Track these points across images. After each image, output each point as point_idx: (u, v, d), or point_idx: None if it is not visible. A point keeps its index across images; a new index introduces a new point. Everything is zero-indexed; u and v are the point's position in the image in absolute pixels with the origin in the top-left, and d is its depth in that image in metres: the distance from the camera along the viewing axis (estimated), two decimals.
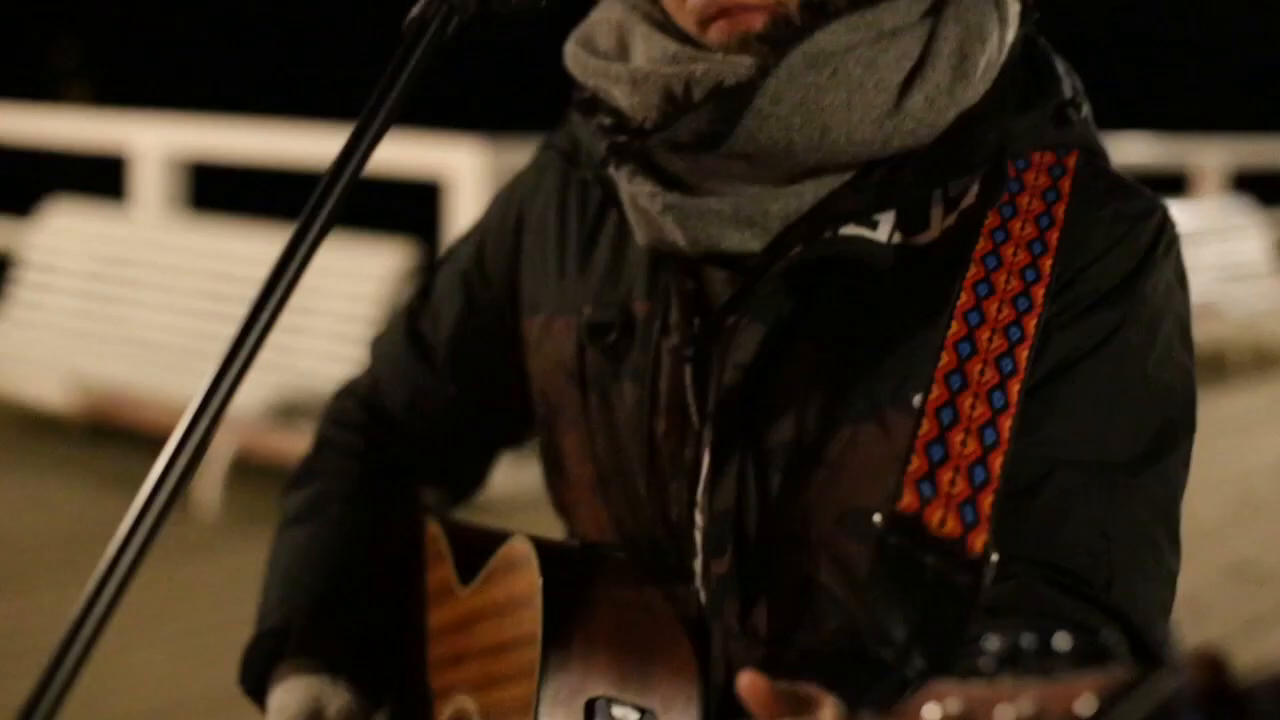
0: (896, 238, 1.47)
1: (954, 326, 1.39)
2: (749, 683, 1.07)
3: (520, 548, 1.55)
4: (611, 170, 1.58)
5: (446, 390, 1.85)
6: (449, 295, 1.84)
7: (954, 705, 0.90)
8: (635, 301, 1.60)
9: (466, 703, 1.62)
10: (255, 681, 1.73)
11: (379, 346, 1.94)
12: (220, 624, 5.97)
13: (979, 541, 1.27)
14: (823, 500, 1.45)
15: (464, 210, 7.85)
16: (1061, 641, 0.89)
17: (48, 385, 8.44)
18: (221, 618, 6.03)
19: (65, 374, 8.37)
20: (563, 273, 1.69)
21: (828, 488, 1.45)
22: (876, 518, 1.29)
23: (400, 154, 8.16)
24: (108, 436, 8.55)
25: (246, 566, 1.76)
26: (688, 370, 1.53)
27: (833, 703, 1.05)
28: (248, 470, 7.59)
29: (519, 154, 5.05)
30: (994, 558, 1.26)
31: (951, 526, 1.28)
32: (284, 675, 1.70)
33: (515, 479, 4.97)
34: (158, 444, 1.47)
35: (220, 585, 6.49)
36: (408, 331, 1.88)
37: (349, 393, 1.95)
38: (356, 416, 1.92)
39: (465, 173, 8.00)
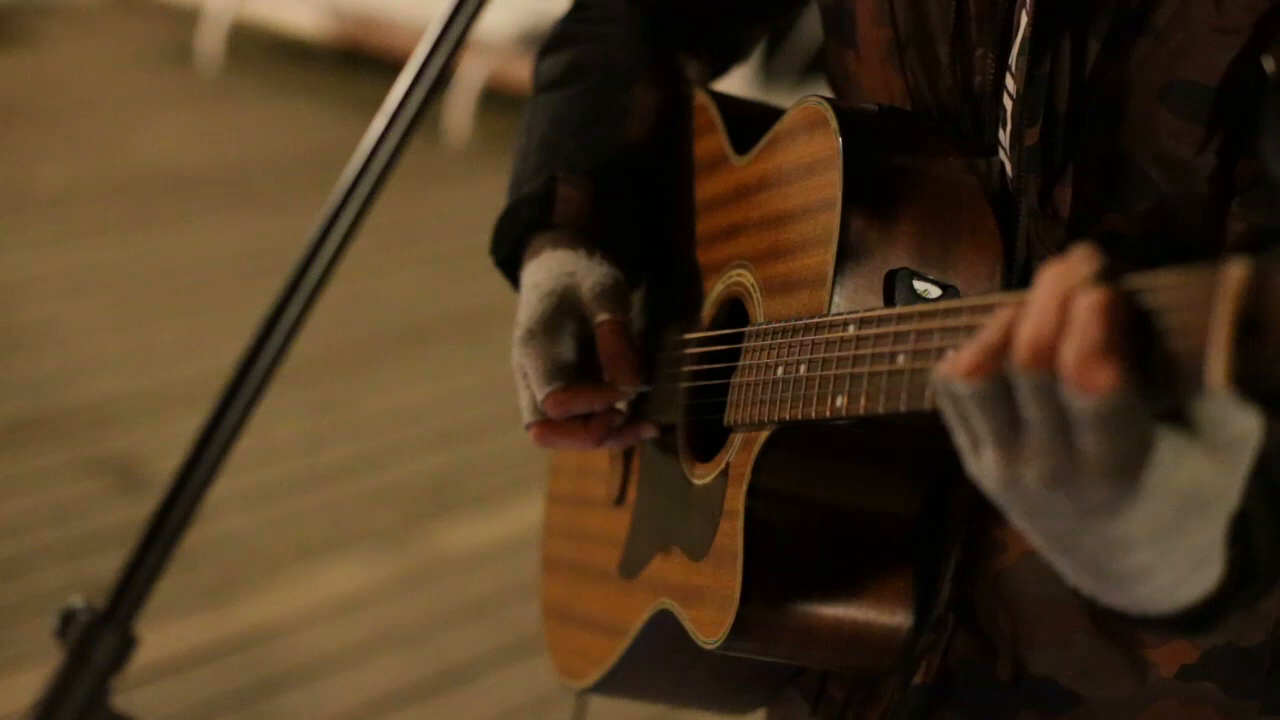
0: None
1: None
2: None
3: (815, 108, 1.43)
4: None
5: None
6: None
7: None
8: None
9: (743, 276, 1.53)
10: (509, 252, 1.68)
11: None
12: (468, 248, 6.02)
13: None
14: (1144, 70, 1.32)
15: None
16: None
17: (300, 10, 8.50)
18: (470, 242, 6.07)
19: None
20: None
21: (1151, 57, 1.32)
22: (1269, 65, 1.18)
23: None
24: (359, 61, 8.62)
25: (496, 193, 1.73)
26: None
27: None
28: (499, 98, 7.61)
29: None
30: None
31: None
32: (539, 249, 1.64)
33: None
34: None
35: (470, 210, 6.56)
36: None
37: None
38: None
39: None
